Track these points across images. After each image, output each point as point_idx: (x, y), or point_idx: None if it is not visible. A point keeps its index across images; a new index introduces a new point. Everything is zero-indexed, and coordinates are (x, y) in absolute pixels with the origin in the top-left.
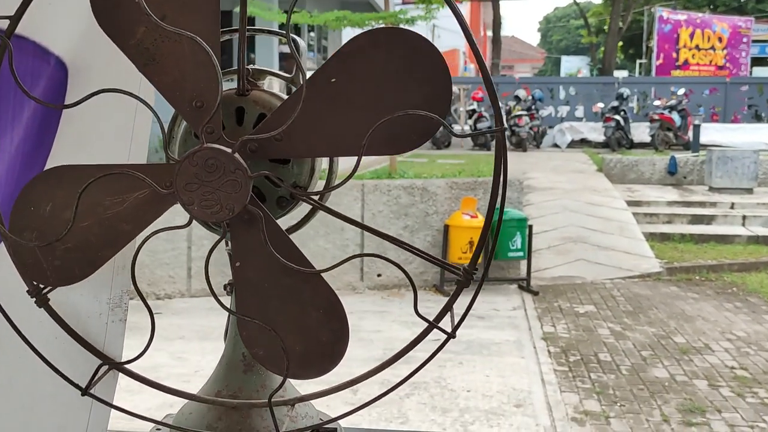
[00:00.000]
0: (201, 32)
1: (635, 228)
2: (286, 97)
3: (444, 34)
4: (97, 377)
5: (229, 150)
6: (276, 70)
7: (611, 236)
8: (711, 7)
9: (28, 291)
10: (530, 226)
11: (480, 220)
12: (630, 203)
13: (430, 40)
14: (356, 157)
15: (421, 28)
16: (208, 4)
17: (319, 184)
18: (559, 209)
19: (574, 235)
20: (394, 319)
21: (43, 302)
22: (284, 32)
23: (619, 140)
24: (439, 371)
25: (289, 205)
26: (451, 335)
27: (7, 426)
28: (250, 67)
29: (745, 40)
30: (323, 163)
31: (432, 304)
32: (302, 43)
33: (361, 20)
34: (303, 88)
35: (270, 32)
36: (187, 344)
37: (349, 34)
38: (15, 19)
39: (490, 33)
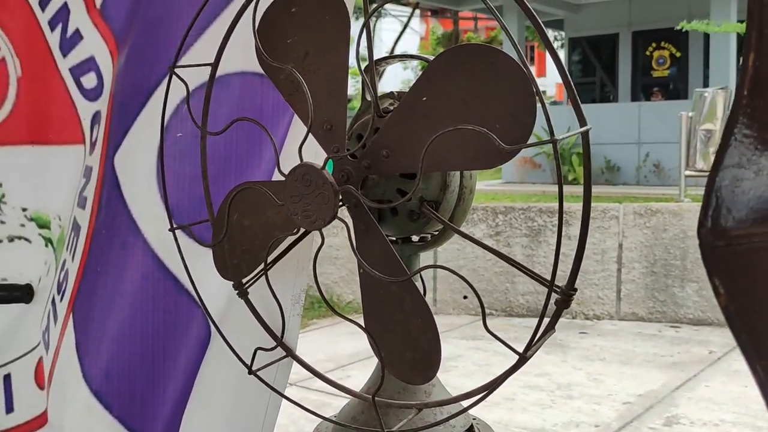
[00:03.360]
0: (333, 64)
1: None
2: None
3: None
4: (257, 361)
5: (318, 166)
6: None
7: None
8: None
9: (233, 285)
10: None
11: None
12: None
13: None
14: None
15: None
16: (342, 40)
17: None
18: None
19: None
20: None
21: (243, 295)
22: (424, 56)
23: None
24: None
25: (420, 219)
26: (522, 356)
27: (232, 384)
28: (396, 91)
29: None
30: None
31: None
32: None
33: None
34: (373, 107)
35: (406, 57)
36: (607, 366)
37: None
38: (215, 65)
39: None
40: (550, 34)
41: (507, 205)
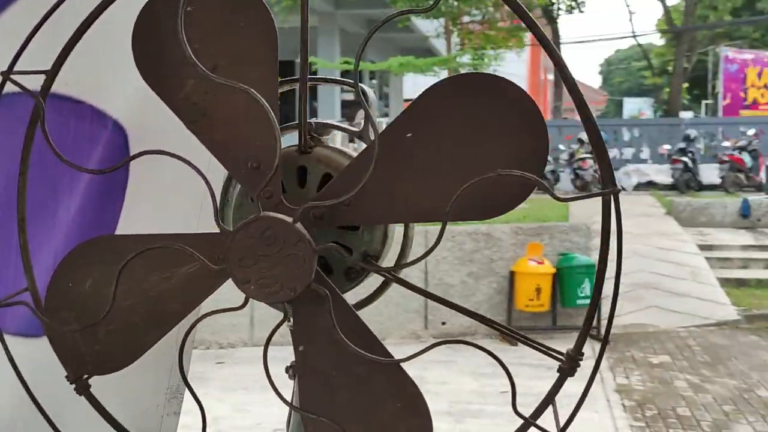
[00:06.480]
0: (257, 83)
1: (709, 273)
2: (352, 153)
3: None
4: None
5: (289, 219)
6: (339, 122)
7: (684, 282)
8: None
9: (66, 377)
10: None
11: (546, 266)
12: (702, 247)
13: None
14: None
15: None
16: (266, 54)
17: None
18: (628, 254)
19: (644, 281)
20: (461, 369)
21: (83, 389)
22: (350, 81)
23: (687, 182)
24: None
25: (359, 277)
26: None
27: None
28: (313, 120)
29: None
30: (397, 226)
31: (501, 354)
32: (371, 92)
33: (425, 65)
34: (375, 146)
35: (335, 81)
36: (249, 395)
37: (411, 80)
38: (51, 74)
39: (551, 77)
40: None
41: None
